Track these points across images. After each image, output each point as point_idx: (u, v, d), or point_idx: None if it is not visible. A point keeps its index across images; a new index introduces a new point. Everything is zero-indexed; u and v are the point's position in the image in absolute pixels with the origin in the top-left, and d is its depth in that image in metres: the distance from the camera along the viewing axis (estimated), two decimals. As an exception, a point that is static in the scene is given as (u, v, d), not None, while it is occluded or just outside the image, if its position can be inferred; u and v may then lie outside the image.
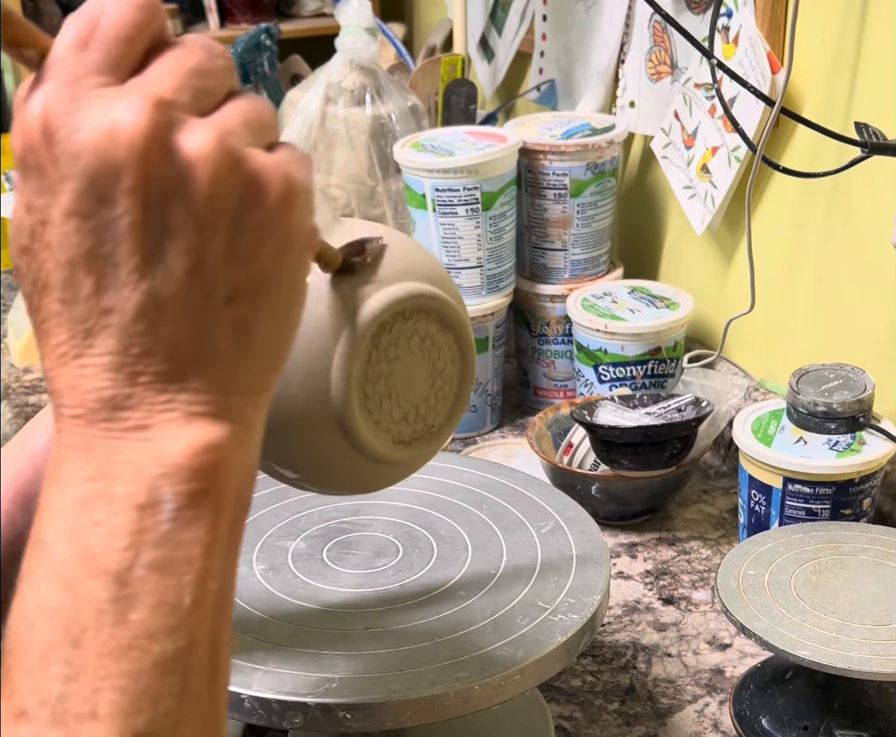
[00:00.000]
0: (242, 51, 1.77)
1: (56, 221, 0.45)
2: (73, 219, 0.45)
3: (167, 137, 0.44)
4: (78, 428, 0.46)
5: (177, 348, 0.46)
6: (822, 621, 0.91)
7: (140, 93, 0.44)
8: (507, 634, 0.82)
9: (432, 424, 0.69)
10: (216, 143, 0.45)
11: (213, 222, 0.45)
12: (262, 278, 0.47)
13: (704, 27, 1.30)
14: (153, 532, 0.45)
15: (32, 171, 0.45)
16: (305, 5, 2.41)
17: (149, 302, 0.45)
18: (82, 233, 0.45)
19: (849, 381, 1.13)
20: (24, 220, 0.46)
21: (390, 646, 0.80)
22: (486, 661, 0.79)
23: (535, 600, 0.86)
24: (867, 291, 1.24)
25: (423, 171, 1.39)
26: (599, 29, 1.60)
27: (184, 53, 0.46)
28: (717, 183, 1.38)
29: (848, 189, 1.24)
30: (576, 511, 0.97)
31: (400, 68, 1.84)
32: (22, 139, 0.45)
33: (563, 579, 0.88)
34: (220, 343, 0.47)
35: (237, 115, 0.47)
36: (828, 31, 1.24)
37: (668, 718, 1.00)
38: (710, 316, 1.48)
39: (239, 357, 0.47)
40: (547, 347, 1.51)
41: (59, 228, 0.45)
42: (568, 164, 1.44)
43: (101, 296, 0.45)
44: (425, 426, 0.69)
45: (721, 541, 1.24)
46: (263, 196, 0.46)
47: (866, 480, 1.11)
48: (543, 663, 0.81)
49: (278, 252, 0.47)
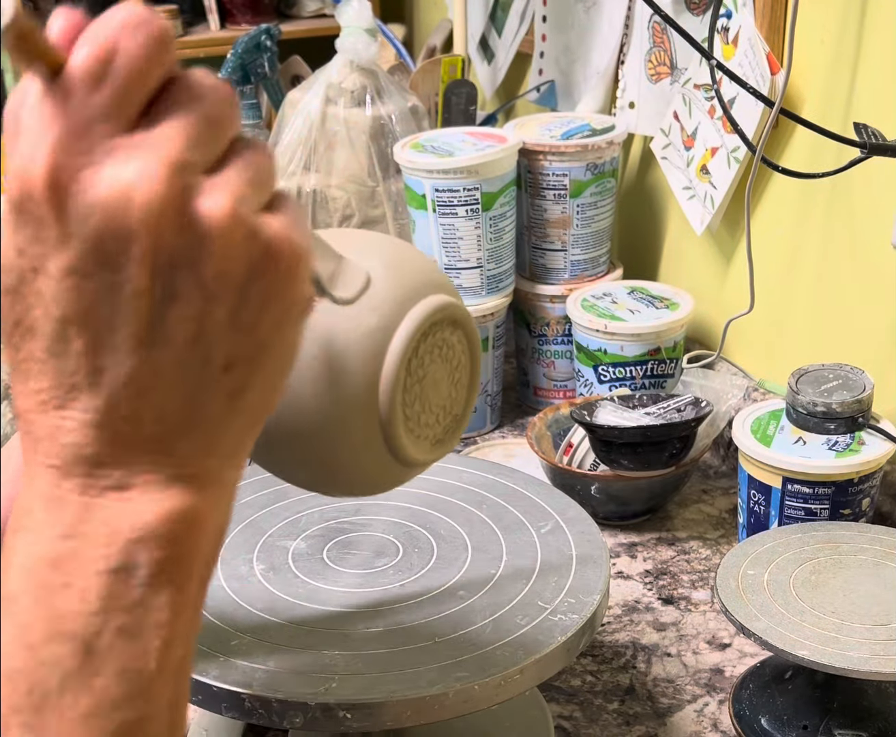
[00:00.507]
0: (243, 51, 1.77)
1: (52, 275, 0.43)
2: (72, 277, 0.43)
3: (182, 205, 0.42)
4: (53, 479, 0.44)
5: (166, 413, 0.44)
6: (822, 620, 0.91)
7: (154, 153, 0.42)
8: (506, 634, 0.82)
9: (457, 413, 0.72)
10: (231, 213, 0.43)
11: (220, 292, 0.44)
12: (260, 346, 0.46)
13: (704, 28, 1.30)
14: (124, 598, 0.43)
15: (29, 218, 0.43)
16: (306, 6, 2.41)
17: (144, 368, 0.43)
18: (81, 292, 0.43)
19: (848, 381, 1.13)
20: (12, 261, 0.43)
21: (390, 646, 0.80)
22: (486, 661, 0.79)
23: (535, 600, 0.86)
24: (866, 292, 1.24)
25: (423, 172, 1.40)
26: (599, 29, 1.60)
27: (194, 98, 0.44)
28: (717, 183, 1.39)
29: (847, 190, 1.24)
30: (575, 511, 0.97)
31: (400, 69, 1.84)
32: (21, 185, 0.43)
33: (563, 579, 0.88)
34: (212, 409, 0.45)
35: (245, 173, 0.45)
36: (827, 31, 1.24)
37: (668, 717, 1.00)
38: (710, 316, 1.49)
39: (227, 422, 0.46)
40: (547, 348, 1.51)
41: (56, 283, 0.43)
42: (568, 164, 1.44)
43: (93, 355, 0.43)
44: (453, 418, 0.72)
45: (720, 541, 1.25)
46: (273, 266, 0.45)
47: (865, 480, 1.11)
48: (543, 663, 0.81)
49: (279, 320, 0.46)
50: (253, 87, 1.77)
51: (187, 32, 2.32)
